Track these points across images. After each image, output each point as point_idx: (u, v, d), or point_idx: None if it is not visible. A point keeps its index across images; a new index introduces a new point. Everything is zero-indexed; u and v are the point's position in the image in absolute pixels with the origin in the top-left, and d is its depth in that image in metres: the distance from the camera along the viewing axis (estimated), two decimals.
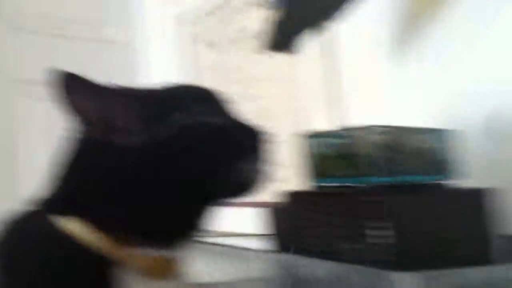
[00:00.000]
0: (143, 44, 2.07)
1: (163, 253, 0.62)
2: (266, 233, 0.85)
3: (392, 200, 0.60)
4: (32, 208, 0.64)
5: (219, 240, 0.77)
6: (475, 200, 0.67)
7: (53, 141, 0.65)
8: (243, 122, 0.68)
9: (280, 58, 1.07)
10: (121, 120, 0.62)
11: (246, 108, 0.72)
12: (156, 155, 0.62)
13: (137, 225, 0.61)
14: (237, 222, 1.11)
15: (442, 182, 0.70)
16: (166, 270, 0.63)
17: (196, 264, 0.73)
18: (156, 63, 2.00)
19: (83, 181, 0.63)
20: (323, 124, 1.23)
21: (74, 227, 0.60)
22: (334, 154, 0.71)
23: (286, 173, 0.87)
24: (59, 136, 0.65)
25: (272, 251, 0.76)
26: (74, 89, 0.60)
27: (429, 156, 0.70)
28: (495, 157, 0.89)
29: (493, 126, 0.90)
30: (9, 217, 0.64)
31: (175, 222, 0.63)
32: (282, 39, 1.00)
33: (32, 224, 0.63)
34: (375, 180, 0.65)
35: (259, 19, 0.99)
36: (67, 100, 0.60)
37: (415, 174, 0.68)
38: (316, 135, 0.75)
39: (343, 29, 1.20)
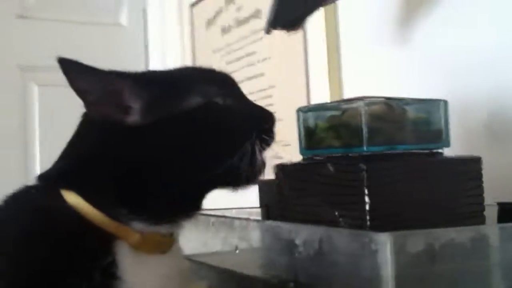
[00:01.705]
0: (155, 29, 2.07)
1: (163, 229, 0.64)
2: (257, 206, 0.89)
3: (371, 168, 0.62)
4: (33, 183, 0.66)
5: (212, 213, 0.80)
6: (457, 168, 0.69)
7: (66, 126, 0.68)
8: (258, 106, 0.70)
9: (282, 36, 1.09)
10: (128, 101, 0.63)
11: (251, 86, 0.73)
12: (165, 134, 0.63)
13: (137, 202, 0.62)
14: (232, 200, 1.14)
15: (430, 151, 0.72)
16: (164, 245, 0.65)
17: (190, 234, 0.75)
18: (170, 48, 1.99)
19: (86, 158, 0.64)
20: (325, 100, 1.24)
21: (75, 200, 0.61)
22: (325, 126, 0.73)
23: (286, 149, 0.90)
24: (71, 121, 0.67)
25: (261, 220, 0.79)
26: (75, 73, 0.62)
27: (418, 126, 0.72)
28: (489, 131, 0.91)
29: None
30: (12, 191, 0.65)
31: (178, 202, 0.64)
32: (288, 17, 1.01)
33: (33, 196, 0.65)
34: (363, 150, 0.67)
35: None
36: (70, 83, 0.62)
37: (403, 143, 0.70)
38: (307, 109, 0.77)
39: (345, 6, 1.22)
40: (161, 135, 0.63)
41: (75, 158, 0.65)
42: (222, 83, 0.68)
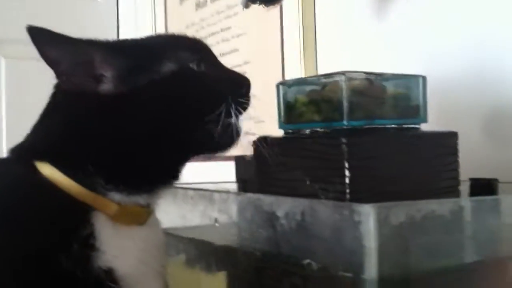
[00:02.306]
0: (127, 2, 2.03)
1: (141, 200, 0.64)
2: (236, 180, 0.89)
3: (351, 141, 0.63)
4: (5, 156, 0.64)
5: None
6: (434, 143, 0.70)
7: (33, 100, 0.66)
8: (231, 70, 0.70)
9: (258, 11, 1.08)
10: (100, 69, 0.62)
11: (225, 62, 0.73)
12: (140, 102, 0.62)
13: (114, 172, 0.61)
14: (212, 175, 1.14)
15: (410, 126, 0.73)
16: (141, 217, 0.65)
17: (168, 208, 0.75)
18: (141, 22, 1.96)
19: (59, 129, 0.63)
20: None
21: (50, 171, 0.60)
22: (305, 100, 0.73)
23: (260, 126, 0.90)
24: (38, 95, 0.66)
25: (241, 193, 0.79)
26: (45, 42, 0.60)
27: (397, 102, 0.72)
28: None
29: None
30: None
31: (155, 171, 0.64)
32: None
33: (6, 168, 0.64)
34: (343, 124, 0.67)
35: None
36: (40, 53, 0.60)
37: (383, 118, 0.71)
38: (287, 83, 0.77)
39: None
40: (135, 103, 0.62)
41: (48, 129, 0.64)
42: (196, 49, 0.68)
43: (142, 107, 0.62)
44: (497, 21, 0.94)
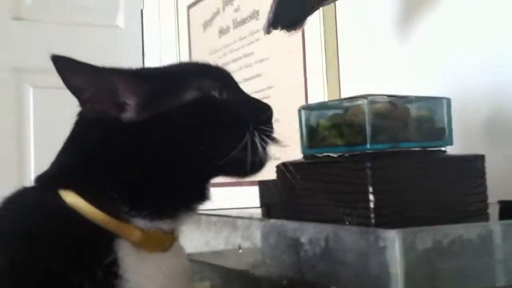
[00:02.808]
0: (152, 31, 2.06)
1: (164, 226, 0.64)
2: (259, 205, 0.88)
3: (375, 165, 0.62)
4: (31, 184, 0.65)
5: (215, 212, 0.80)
6: (461, 166, 0.69)
7: (60, 129, 0.67)
8: (253, 98, 0.70)
9: (280, 36, 1.08)
10: (123, 97, 0.63)
11: (249, 87, 0.73)
12: (162, 129, 0.63)
13: (137, 198, 0.62)
14: (235, 201, 1.13)
15: (435, 149, 0.72)
16: (165, 243, 0.65)
17: (192, 234, 0.75)
18: (166, 49, 1.98)
19: (83, 157, 0.63)
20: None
21: (73, 199, 0.61)
22: (327, 125, 0.72)
23: (284, 150, 0.89)
24: (65, 123, 0.67)
25: (264, 219, 0.78)
26: (69, 70, 0.61)
27: (421, 124, 0.72)
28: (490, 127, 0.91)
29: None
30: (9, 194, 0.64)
31: (178, 197, 0.64)
32: (288, 17, 1.00)
33: (31, 196, 0.64)
34: (366, 148, 0.67)
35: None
36: (64, 81, 0.61)
37: (407, 141, 0.70)
38: (309, 107, 0.76)
39: (343, 6, 1.22)
40: (158, 131, 0.63)
41: (72, 157, 0.65)
42: (218, 76, 0.68)
43: (163, 134, 0.63)
44: None
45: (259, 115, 0.67)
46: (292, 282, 0.64)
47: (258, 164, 0.65)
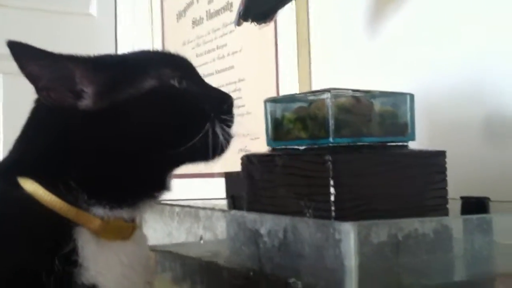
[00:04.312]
0: (125, 20, 2.04)
1: (124, 214, 0.64)
2: (223, 197, 0.88)
3: (336, 159, 0.63)
4: None
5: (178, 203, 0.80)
6: (422, 161, 0.70)
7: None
8: (214, 87, 0.70)
9: (253, 29, 1.08)
10: (80, 85, 0.62)
11: (221, 79, 0.73)
12: (120, 118, 0.62)
13: (96, 186, 0.61)
14: (205, 192, 1.13)
15: (397, 144, 0.72)
16: (125, 232, 0.64)
17: (155, 225, 0.75)
18: (139, 38, 1.97)
19: (41, 144, 0.63)
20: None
21: (32, 187, 0.60)
22: (292, 117, 0.73)
23: (255, 142, 0.89)
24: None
25: (225, 210, 0.79)
26: (25, 57, 0.60)
27: (384, 119, 0.72)
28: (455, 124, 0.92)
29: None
30: None
31: (137, 185, 0.63)
32: (259, 9, 1.00)
33: None
34: (329, 141, 0.67)
35: None
36: (20, 68, 0.60)
37: (370, 136, 0.70)
38: (275, 100, 0.77)
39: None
40: (116, 119, 0.62)
41: (30, 145, 0.64)
42: (178, 65, 0.67)
43: (121, 123, 0.62)
44: (486, 38, 0.94)
45: (219, 104, 0.67)
46: (253, 273, 0.64)
47: (219, 151, 0.65)
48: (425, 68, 1.04)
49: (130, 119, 0.62)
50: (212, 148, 0.65)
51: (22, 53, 0.60)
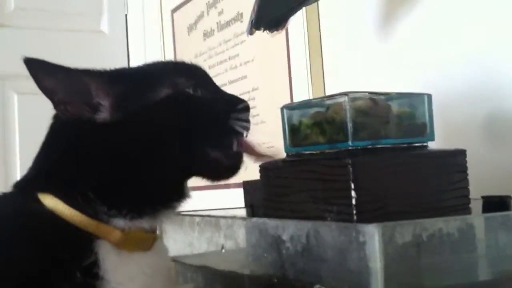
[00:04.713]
0: (137, 35, 2.05)
1: (144, 224, 0.63)
2: (243, 205, 0.88)
3: (356, 162, 0.62)
4: (9, 190, 0.65)
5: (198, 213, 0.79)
6: (442, 161, 0.69)
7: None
8: (228, 93, 0.70)
9: (264, 38, 1.08)
10: (96, 98, 0.63)
11: (234, 89, 0.73)
12: (135, 128, 0.62)
13: (116, 198, 0.61)
14: (223, 203, 1.13)
15: (415, 145, 0.72)
16: (146, 242, 0.64)
17: (175, 236, 0.74)
18: (151, 53, 1.98)
19: (59, 159, 0.63)
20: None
21: (52, 202, 0.60)
22: (309, 123, 0.72)
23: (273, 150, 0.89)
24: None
25: (246, 218, 0.78)
26: (42, 72, 0.61)
27: (403, 120, 0.71)
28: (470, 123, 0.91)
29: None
30: None
31: (156, 194, 0.63)
32: (271, 17, 1.00)
33: (9, 202, 0.64)
34: (348, 145, 0.67)
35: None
36: (37, 83, 0.61)
37: (388, 137, 0.70)
38: (291, 106, 0.76)
39: (326, 6, 1.22)
40: (133, 130, 0.62)
41: (49, 160, 0.64)
42: (192, 74, 0.68)
43: (138, 133, 0.62)
44: (498, 35, 0.93)
45: (235, 109, 0.67)
46: (276, 280, 0.63)
47: (234, 159, 0.65)
48: (437, 70, 1.03)
49: (146, 128, 0.63)
50: (228, 154, 0.64)
51: (38, 69, 0.61)
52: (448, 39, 1.01)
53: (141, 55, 2.04)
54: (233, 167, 0.66)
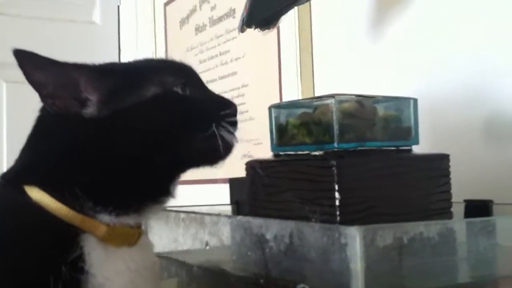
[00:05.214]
0: (128, 27, 2.05)
1: (130, 220, 0.64)
2: (227, 203, 0.88)
3: (341, 164, 0.63)
4: None
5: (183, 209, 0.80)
6: (426, 165, 0.70)
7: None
8: (217, 94, 0.70)
9: (256, 35, 1.09)
10: (85, 92, 0.62)
11: (224, 85, 0.73)
12: (123, 125, 0.62)
13: (102, 193, 0.61)
14: (209, 198, 1.13)
15: (401, 148, 0.73)
16: (131, 238, 0.64)
17: (160, 232, 0.75)
18: (142, 46, 1.98)
19: (46, 152, 0.63)
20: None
21: (38, 195, 0.60)
22: (296, 123, 0.73)
23: (258, 148, 0.90)
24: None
25: (231, 216, 0.79)
26: (31, 65, 0.61)
27: (388, 123, 0.73)
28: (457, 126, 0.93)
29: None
30: None
31: (142, 191, 0.63)
32: (262, 15, 1.01)
33: None
34: (334, 146, 0.67)
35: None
36: (26, 76, 0.61)
37: (374, 140, 0.71)
38: (279, 106, 0.77)
39: (318, 5, 1.23)
40: (120, 126, 0.62)
41: (36, 153, 0.64)
42: (181, 73, 0.68)
43: (125, 130, 0.63)
44: (488, 41, 0.95)
45: (222, 111, 0.67)
46: (259, 279, 0.64)
47: (223, 154, 0.66)
48: (428, 72, 1.04)
49: (134, 125, 0.63)
50: (216, 152, 0.65)
51: (28, 61, 0.60)
52: (440, 41, 1.02)
53: (133, 46, 2.04)
54: (218, 162, 0.67)
